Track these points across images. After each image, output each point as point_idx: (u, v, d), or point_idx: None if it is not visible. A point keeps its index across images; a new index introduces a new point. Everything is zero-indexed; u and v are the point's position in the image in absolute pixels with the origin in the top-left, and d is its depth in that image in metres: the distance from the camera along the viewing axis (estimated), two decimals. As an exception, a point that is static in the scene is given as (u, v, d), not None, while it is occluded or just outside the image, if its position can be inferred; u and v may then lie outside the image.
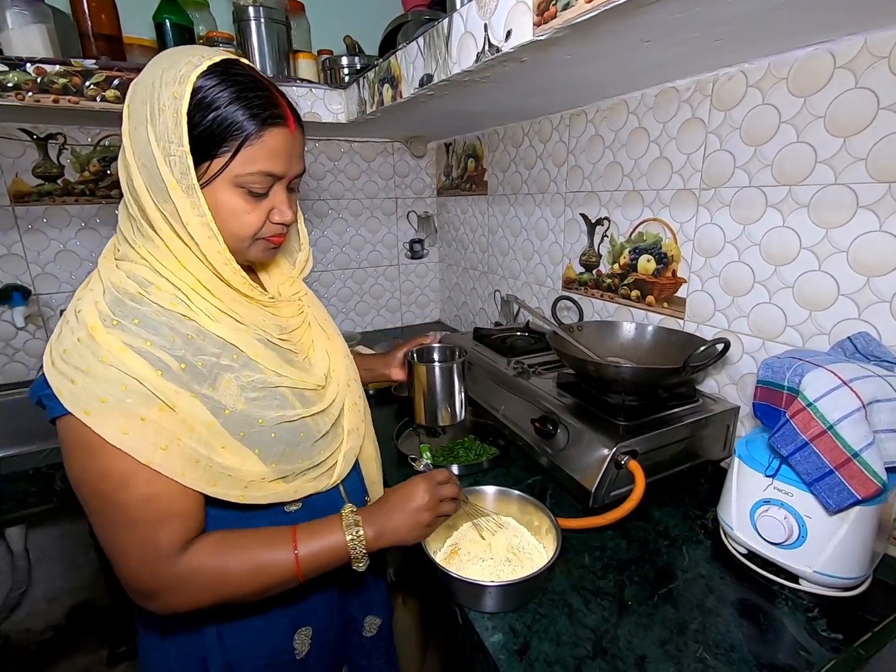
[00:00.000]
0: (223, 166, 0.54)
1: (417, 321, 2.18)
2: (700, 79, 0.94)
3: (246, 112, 0.53)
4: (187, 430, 0.54)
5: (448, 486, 0.67)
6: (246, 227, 0.59)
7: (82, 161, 1.47)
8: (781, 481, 0.69)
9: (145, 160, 0.53)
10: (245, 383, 0.59)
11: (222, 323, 0.59)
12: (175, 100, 0.51)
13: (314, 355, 0.72)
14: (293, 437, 0.63)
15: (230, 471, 0.57)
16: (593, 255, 1.28)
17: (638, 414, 0.90)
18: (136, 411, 0.51)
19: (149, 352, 0.53)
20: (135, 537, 0.54)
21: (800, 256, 0.83)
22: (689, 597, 0.69)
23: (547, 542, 0.74)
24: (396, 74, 1.01)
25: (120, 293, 0.55)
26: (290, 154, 0.58)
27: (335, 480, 0.69)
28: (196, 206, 0.54)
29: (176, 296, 0.57)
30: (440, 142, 1.93)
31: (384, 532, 0.62)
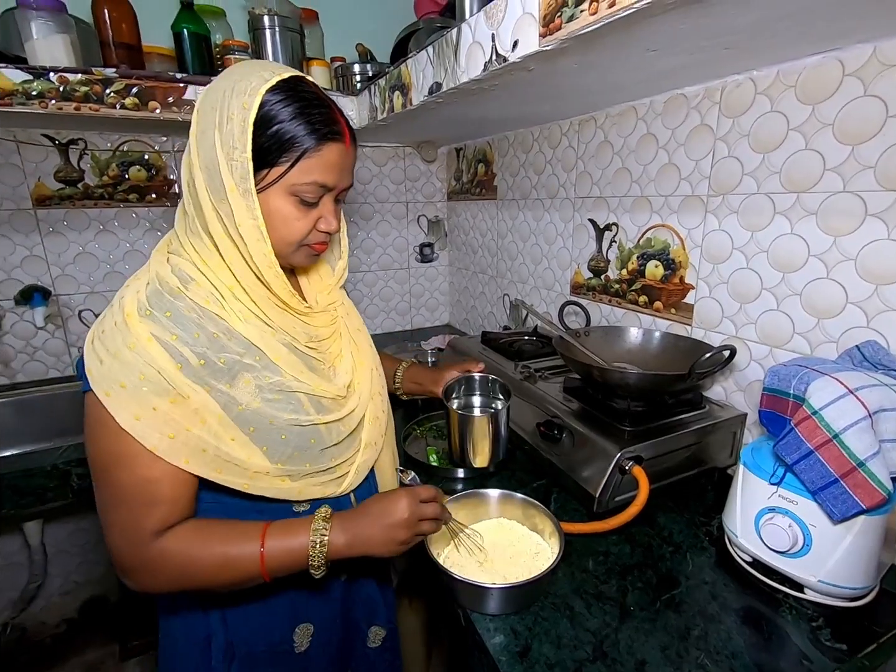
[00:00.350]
0: (281, 175, 0.58)
1: (427, 324, 2.19)
2: (709, 86, 0.94)
3: (307, 127, 0.57)
4: (199, 421, 0.57)
5: (430, 506, 0.65)
6: (294, 233, 0.62)
7: (101, 166, 1.51)
8: (786, 489, 0.69)
9: (209, 162, 0.56)
10: (264, 384, 0.61)
11: (251, 324, 0.62)
12: (244, 110, 0.55)
13: (340, 365, 0.73)
14: (303, 441, 0.64)
15: (237, 461, 0.60)
16: (601, 261, 1.28)
17: (644, 420, 0.91)
18: (150, 400, 0.55)
19: (172, 345, 0.56)
20: (124, 515, 0.58)
21: (808, 264, 0.83)
22: (692, 603, 0.69)
23: (550, 546, 0.75)
24: (407, 82, 1.03)
25: (161, 286, 0.59)
26: (342, 168, 0.62)
27: (344, 490, 0.70)
28: (250, 209, 0.57)
29: (212, 294, 0.60)
30: (451, 147, 1.95)
31: (355, 542, 0.61)
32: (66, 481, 1.13)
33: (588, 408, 0.97)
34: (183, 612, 0.69)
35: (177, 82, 1.17)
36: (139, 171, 1.56)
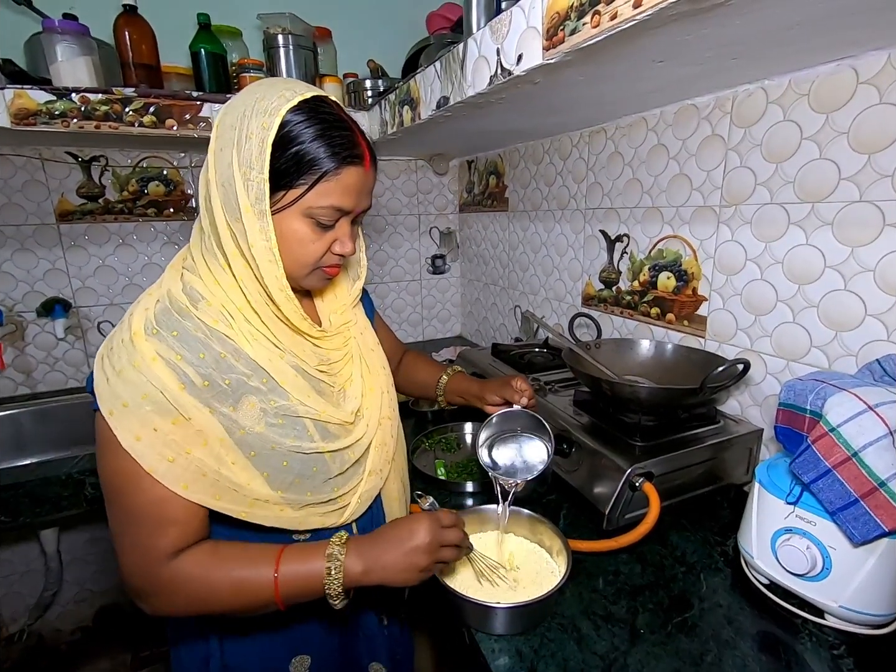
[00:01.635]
0: (298, 197, 0.56)
1: (439, 336, 2.19)
2: (719, 95, 0.93)
3: (328, 150, 0.56)
4: (200, 443, 0.56)
5: (452, 531, 0.62)
6: (308, 255, 0.60)
7: (122, 182, 1.56)
8: (804, 509, 0.67)
9: (225, 180, 0.56)
10: (269, 408, 0.60)
11: (259, 346, 0.61)
12: (263, 130, 0.54)
13: (350, 389, 0.71)
14: (305, 469, 0.63)
15: (237, 486, 0.58)
16: (613, 272, 1.26)
17: (655, 434, 0.88)
18: (151, 420, 0.54)
19: (177, 365, 0.55)
20: (136, 536, 0.57)
21: (824, 275, 0.81)
22: (706, 627, 0.67)
23: (558, 564, 0.73)
24: (415, 97, 1.04)
25: (171, 304, 0.58)
26: (361, 190, 0.60)
27: (346, 520, 0.68)
28: (264, 231, 0.56)
29: (222, 313, 0.59)
30: (462, 159, 1.96)
31: (373, 568, 0.58)
32: (79, 490, 1.15)
33: (598, 422, 0.95)
34: (186, 630, 0.69)
35: (193, 100, 1.21)
36: (158, 186, 1.60)
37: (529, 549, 0.77)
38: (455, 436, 1.20)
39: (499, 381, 0.87)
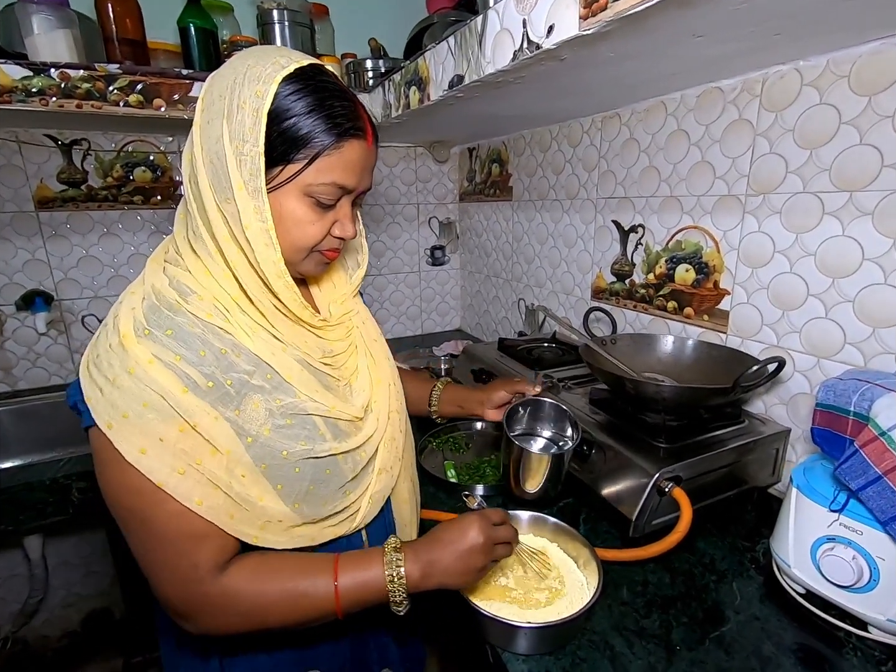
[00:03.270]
0: (296, 173, 0.52)
1: (438, 329, 2.14)
2: (748, 78, 0.88)
3: (328, 121, 0.51)
4: (209, 452, 0.51)
5: (504, 528, 0.61)
6: (307, 238, 0.56)
7: (105, 167, 1.47)
8: (849, 517, 0.63)
9: (214, 157, 0.51)
10: (274, 407, 0.55)
11: (259, 339, 0.56)
12: (257, 98, 0.49)
13: (357, 382, 0.67)
14: (318, 473, 0.58)
15: (248, 504, 0.54)
16: (626, 264, 1.22)
17: (680, 436, 0.84)
18: (156, 429, 0.49)
19: (177, 366, 0.50)
20: (171, 553, 0.52)
21: (862, 268, 0.76)
22: (744, 642, 0.63)
23: (586, 576, 0.69)
24: (424, 76, 0.97)
25: (158, 300, 0.53)
26: (363, 168, 0.56)
27: (357, 525, 0.64)
28: (259, 211, 0.51)
29: (215, 307, 0.54)
30: (463, 147, 1.90)
31: (432, 572, 0.56)
32: (66, 496, 1.08)
33: (618, 422, 0.91)
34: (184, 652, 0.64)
35: (182, 79, 1.12)
36: (144, 172, 1.52)
37: (557, 555, 0.72)
38: (463, 435, 1.15)
39: (502, 380, 0.91)
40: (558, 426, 0.90)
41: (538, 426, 0.91)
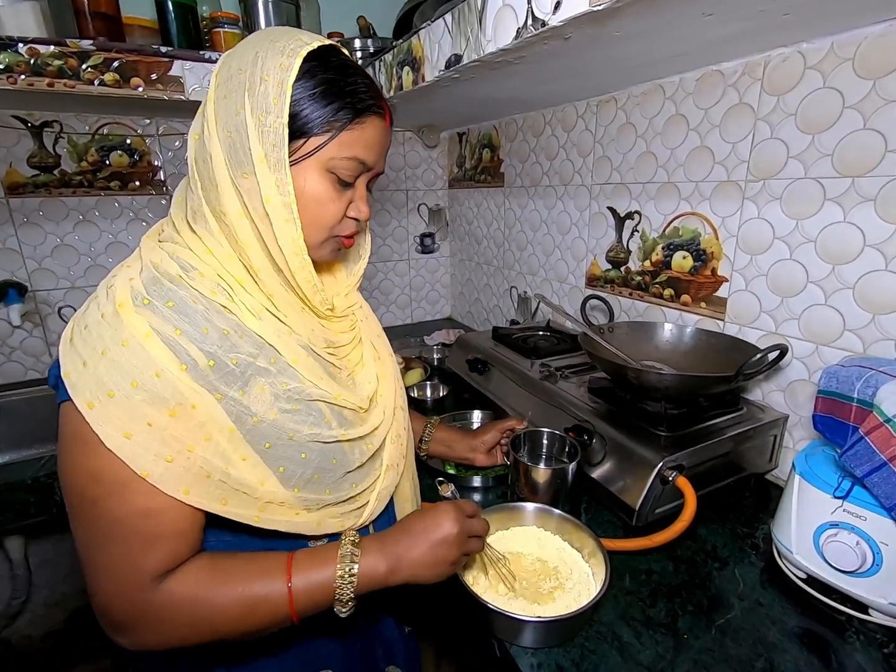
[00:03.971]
0: (319, 146, 0.51)
1: (428, 317, 2.11)
2: (749, 61, 0.87)
3: (353, 96, 0.51)
4: (203, 438, 0.48)
5: (478, 521, 0.60)
6: (326, 217, 0.54)
7: (80, 151, 1.40)
8: (853, 504, 0.63)
9: (233, 130, 0.49)
10: (280, 391, 0.53)
11: (264, 321, 0.54)
12: (281, 70, 0.48)
13: (360, 375, 0.65)
14: (324, 461, 0.56)
15: (246, 488, 0.51)
16: (622, 251, 1.21)
17: (681, 424, 0.84)
18: (145, 412, 0.46)
19: (176, 341, 0.47)
20: (115, 556, 0.48)
21: (863, 254, 0.76)
22: (750, 629, 0.63)
23: (591, 567, 0.68)
24: (418, 56, 0.94)
25: (159, 272, 0.50)
26: (382, 147, 0.56)
27: (364, 521, 0.62)
28: (281, 185, 0.50)
29: (219, 284, 0.52)
30: (453, 131, 1.86)
31: (400, 565, 0.54)
32: (48, 496, 1.04)
33: (618, 410, 0.90)
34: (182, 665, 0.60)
35: (161, 56, 1.07)
36: (121, 156, 1.45)
37: (560, 547, 0.72)
38: (460, 426, 1.13)
39: (490, 423, 0.94)
40: (557, 450, 0.89)
41: (540, 452, 0.91)
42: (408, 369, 1.41)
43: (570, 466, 0.79)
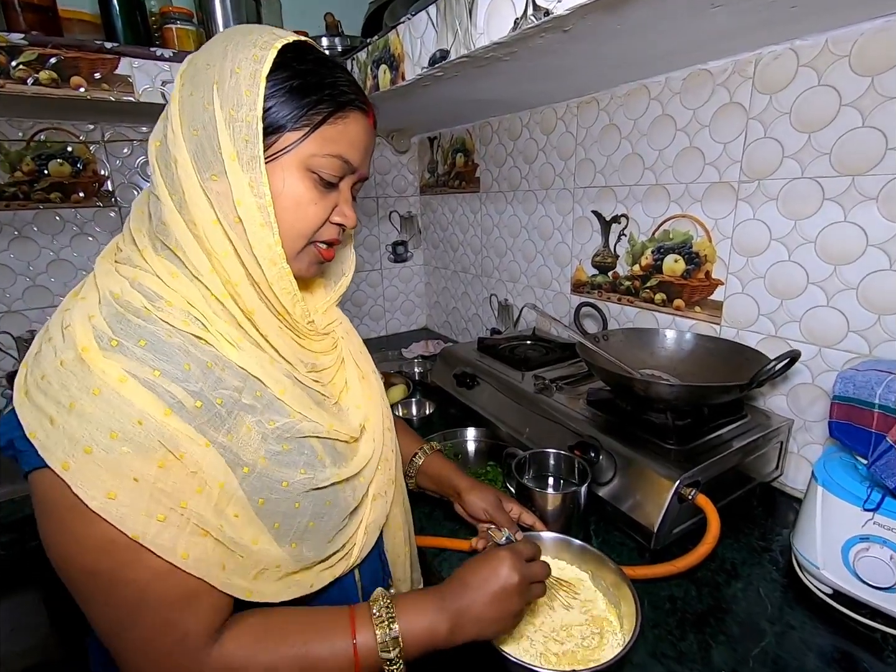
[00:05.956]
0: (297, 141, 0.46)
1: (403, 329, 2.04)
2: (739, 59, 0.85)
3: (333, 88, 0.47)
4: (195, 489, 0.42)
5: (538, 565, 0.55)
6: (307, 221, 0.49)
7: (13, 159, 1.25)
8: (885, 516, 0.60)
9: (200, 128, 0.44)
10: (268, 430, 0.46)
11: (244, 350, 0.47)
12: (255, 62, 0.44)
13: (347, 399, 0.59)
14: (319, 507, 0.50)
15: (241, 549, 0.44)
16: (609, 256, 1.17)
17: (689, 436, 0.80)
18: (130, 466, 0.39)
19: (157, 384, 0.41)
20: (153, 629, 0.42)
21: (866, 254, 0.75)
22: (788, 658, 0.59)
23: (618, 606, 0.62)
24: (397, 53, 0.87)
25: (122, 306, 0.44)
26: (366, 147, 0.52)
27: (353, 563, 0.55)
28: (255, 185, 0.44)
29: (189, 313, 0.46)
30: (423, 136, 1.80)
31: (462, 623, 0.49)
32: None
33: (622, 424, 0.86)
34: None
35: (106, 52, 0.96)
36: (61, 165, 1.31)
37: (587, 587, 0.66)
38: (451, 444, 1.07)
39: (486, 495, 0.72)
40: (564, 471, 0.84)
41: (545, 474, 0.85)
42: (389, 386, 1.33)
43: (582, 489, 0.74)
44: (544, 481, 0.84)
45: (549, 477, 0.84)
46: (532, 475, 0.83)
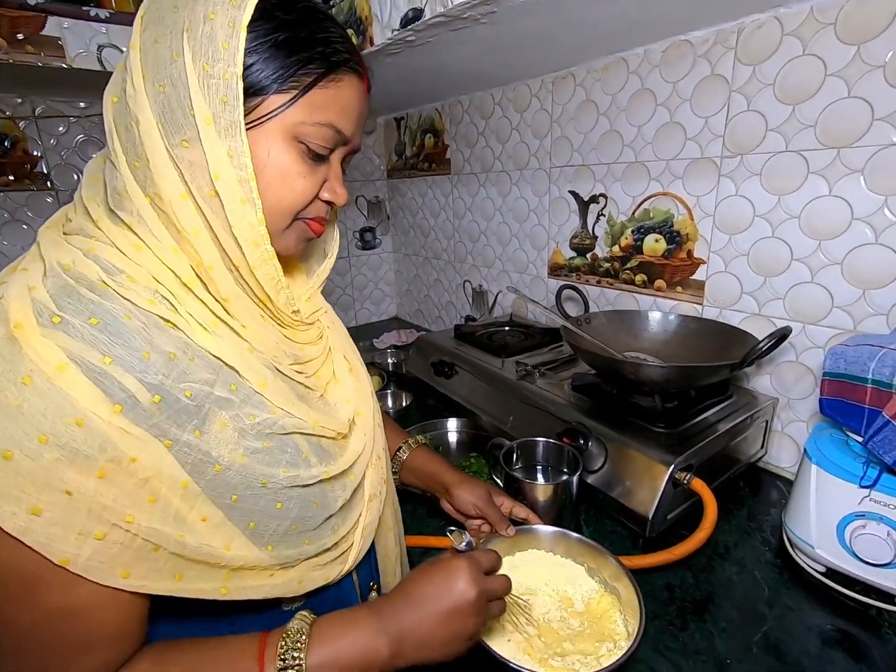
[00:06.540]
0: (283, 106, 0.39)
1: (373, 319, 1.97)
2: (720, 29, 0.82)
3: (325, 45, 0.40)
4: (146, 500, 0.35)
5: (498, 579, 0.48)
6: (294, 196, 0.43)
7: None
8: (880, 492, 0.59)
9: (167, 83, 0.37)
10: (246, 426, 0.41)
11: (219, 336, 0.41)
12: (232, 7, 0.37)
13: (334, 393, 0.53)
14: (304, 508, 0.44)
15: (209, 556, 0.38)
16: (587, 237, 1.14)
17: (678, 418, 0.78)
18: (61, 477, 0.32)
19: (106, 373, 0.34)
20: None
21: (851, 229, 0.74)
22: (789, 641, 0.58)
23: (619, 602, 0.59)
24: (364, 15, 0.80)
25: (72, 277, 0.36)
26: (360, 116, 0.45)
27: (350, 567, 0.50)
28: (235, 155, 0.38)
29: (157, 291, 0.39)
30: (389, 116, 1.72)
31: (404, 648, 0.41)
32: None
33: (607, 408, 0.83)
34: None
35: (29, 9, 0.84)
36: (-15, 143, 1.17)
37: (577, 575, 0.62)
38: (431, 437, 1.02)
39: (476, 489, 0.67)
40: (553, 460, 0.80)
41: (533, 464, 0.81)
42: (362, 378, 1.27)
43: (574, 478, 0.71)
44: (532, 472, 0.80)
45: (538, 467, 0.81)
46: (520, 466, 0.79)
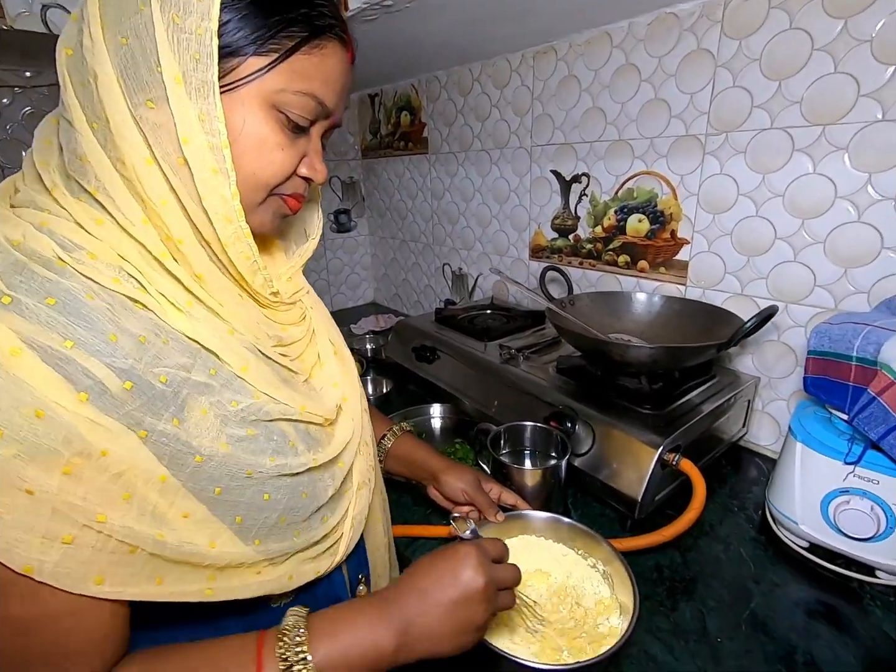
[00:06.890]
0: (261, 70, 0.36)
1: (350, 304, 1.92)
2: (707, 1, 0.80)
3: (310, 7, 0.37)
4: (120, 496, 0.32)
5: (507, 568, 0.46)
6: (272, 169, 0.39)
7: None
8: (865, 468, 0.60)
9: (131, 34, 0.33)
10: (229, 413, 0.38)
11: (194, 316, 0.37)
12: None
13: (319, 377, 0.50)
14: (293, 499, 0.41)
15: (191, 555, 0.35)
16: (569, 218, 1.13)
17: (664, 399, 0.78)
18: (20, 475, 0.29)
19: (67, 358, 0.31)
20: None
21: (835, 207, 0.74)
22: (777, 617, 0.59)
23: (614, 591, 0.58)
24: (338, -24, 0.75)
25: (24, 253, 0.33)
26: (343, 88, 0.41)
27: (340, 558, 0.48)
28: (207, 119, 0.34)
29: (122, 268, 0.35)
30: (363, 93, 1.66)
31: (409, 640, 0.39)
32: None
33: (595, 391, 0.82)
34: None
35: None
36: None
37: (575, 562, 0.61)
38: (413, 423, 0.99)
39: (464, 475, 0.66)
40: (541, 444, 0.79)
41: (520, 449, 0.80)
42: (340, 364, 1.23)
43: (563, 463, 0.70)
44: (519, 457, 0.79)
45: (525, 451, 0.79)
46: (507, 451, 0.78)
